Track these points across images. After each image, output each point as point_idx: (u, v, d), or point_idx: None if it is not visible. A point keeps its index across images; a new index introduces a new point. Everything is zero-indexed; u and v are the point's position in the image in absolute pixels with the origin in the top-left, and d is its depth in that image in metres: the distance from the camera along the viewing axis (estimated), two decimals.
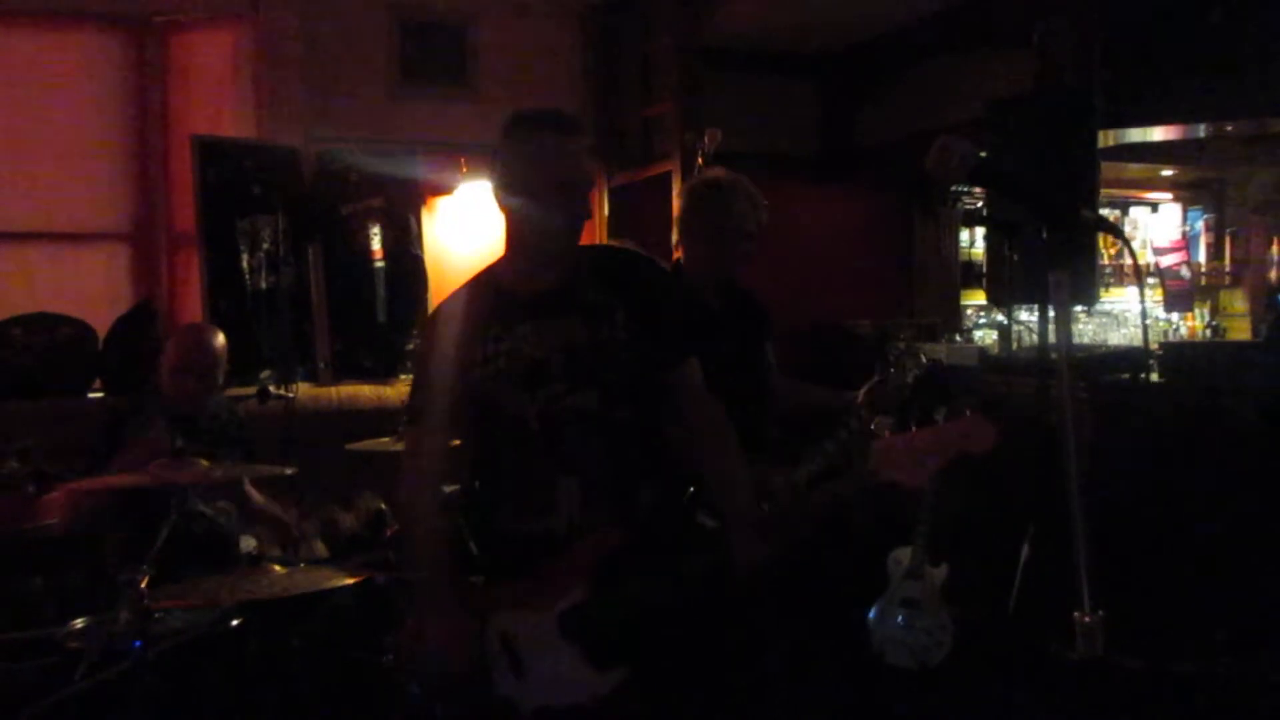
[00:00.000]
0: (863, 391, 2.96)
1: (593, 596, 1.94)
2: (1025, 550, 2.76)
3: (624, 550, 1.97)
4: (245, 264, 4.88)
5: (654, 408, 2.09)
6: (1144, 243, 6.34)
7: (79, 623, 2.58)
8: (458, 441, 2.21)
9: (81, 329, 4.53)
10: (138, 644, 2.21)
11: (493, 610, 1.99)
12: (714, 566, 1.96)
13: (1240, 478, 3.48)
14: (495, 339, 2.04)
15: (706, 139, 4.81)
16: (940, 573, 3.29)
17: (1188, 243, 6.36)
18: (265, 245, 4.92)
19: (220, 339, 3.43)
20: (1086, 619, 1.31)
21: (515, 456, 2.04)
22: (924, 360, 2.94)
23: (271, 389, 3.95)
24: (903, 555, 3.32)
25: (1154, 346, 4.60)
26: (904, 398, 2.97)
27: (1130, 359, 4.24)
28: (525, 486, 2.04)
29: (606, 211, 5.91)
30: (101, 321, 4.61)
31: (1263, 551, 3.36)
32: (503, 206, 2.07)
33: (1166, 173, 6.07)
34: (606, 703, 1.90)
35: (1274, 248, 6.06)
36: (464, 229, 5.63)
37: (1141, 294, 5.38)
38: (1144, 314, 5.40)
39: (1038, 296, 1.43)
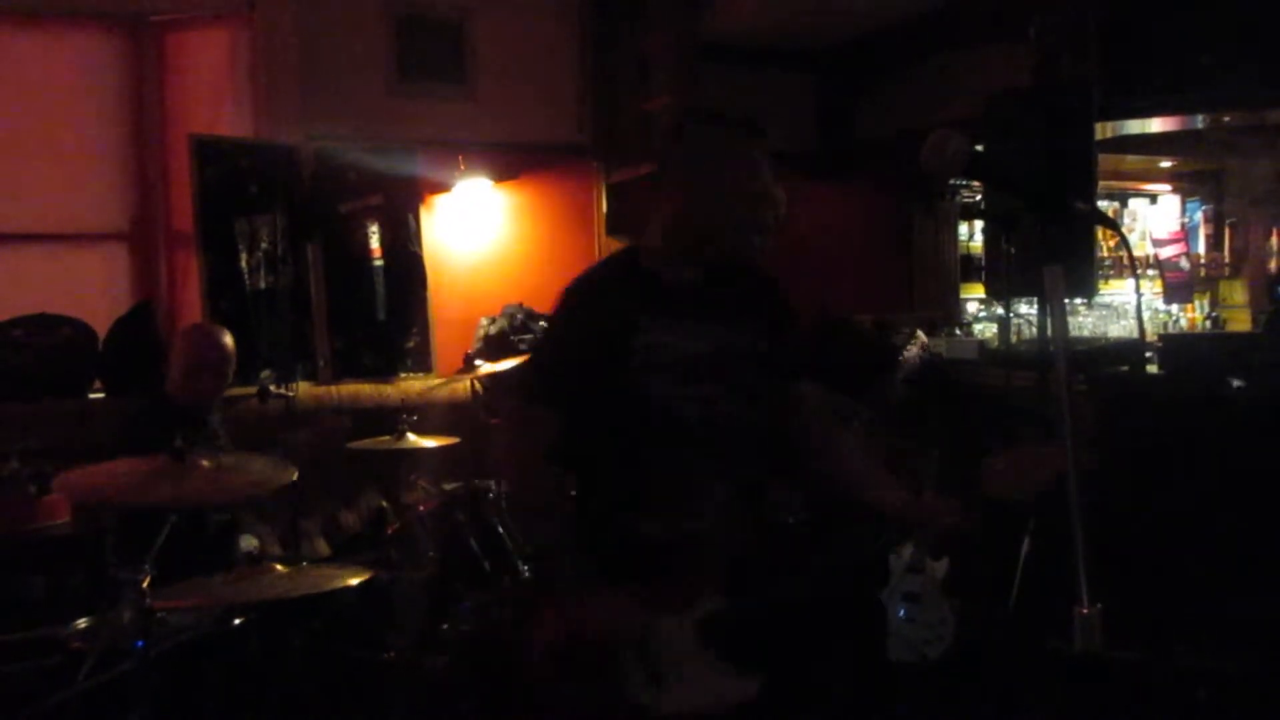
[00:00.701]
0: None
1: (733, 601, 1.89)
2: (1026, 544, 2.77)
3: (759, 553, 1.95)
4: (244, 263, 4.88)
5: (777, 416, 2.09)
6: (1143, 234, 6.33)
7: (81, 623, 2.59)
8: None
9: (81, 329, 4.53)
10: (140, 644, 2.21)
11: (625, 615, 1.87)
12: (847, 567, 1.98)
13: (1240, 469, 3.48)
14: (652, 329, 1.93)
15: None
16: (941, 566, 3.30)
17: (1187, 234, 6.35)
18: (264, 244, 4.92)
19: (229, 337, 3.45)
20: (1085, 612, 1.31)
21: (666, 456, 1.94)
22: (924, 341, 2.95)
23: (271, 388, 3.94)
24: (903, 549, 3.33)
25: (1154, 338, 4.60)
26: (904, 392, 2.98)
27: (1130, 351, 4.24)
28: (673, 488, 1.95)
29: (605, 208, 5.91)
30: (101, 322, 4.61)
31: (1263, 544, 3.36)
32: (675, 195, 1.99)
33: (1165, 164, 6.06)
34: (747, 708, 1.86)
35: (1273, 238, 6.05)
36: (463, 227, 5.63)
37: (1138, 286, 5.37)
38: (1139, 306, 5.38)
39: (1036, 289, 1.43)
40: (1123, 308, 5.87)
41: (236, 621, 2.63)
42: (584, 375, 1.91)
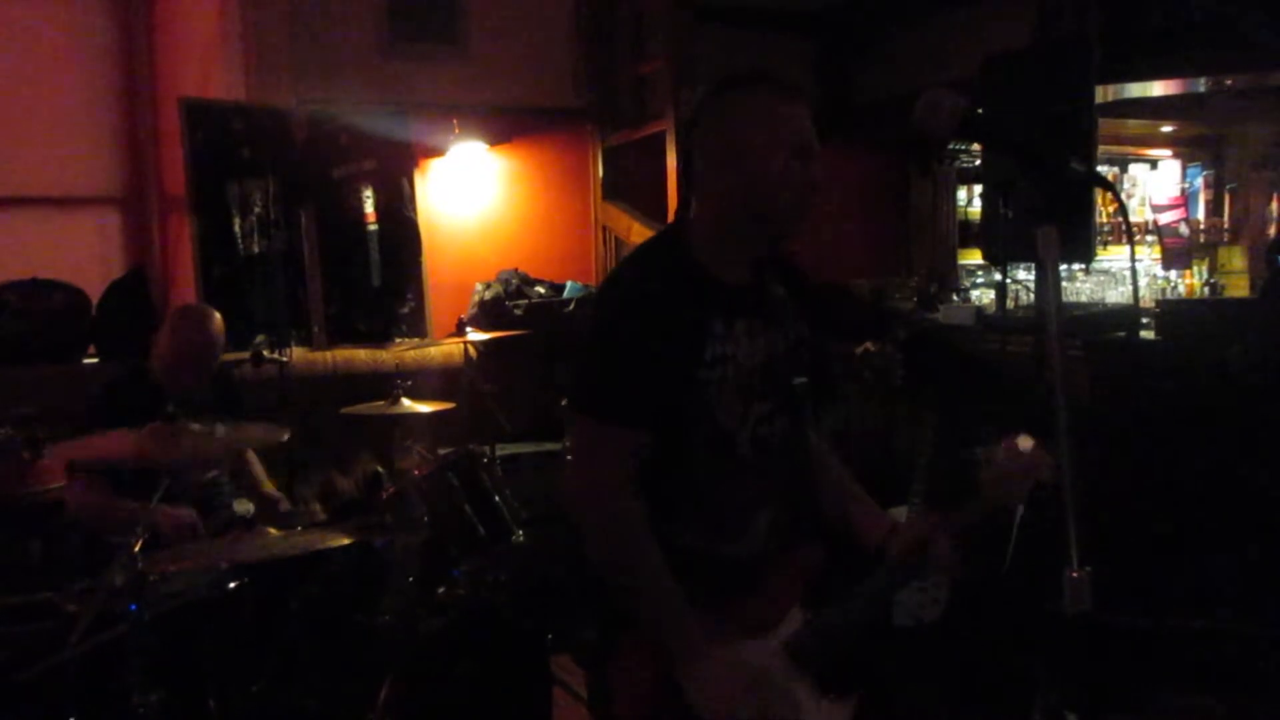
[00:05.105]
0: (859, 351, 2.96)
1: (815, 621, 1.79)
2: (1020, 509, 2.76)
3: (825, 571, 1.84)
4: (237, 228, 4.85)
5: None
6: (1143, 200, 6.30)
7: (75, 586, 2.59)
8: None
9: (75, 295, 4.51)
10: (133, 607, 2.21)
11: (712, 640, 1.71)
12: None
13: (1237, 435, 3.48)
14: (719, 337, 1.75)
15: None
16: None
17: (1186, 200, 6.33)
18: (257, 209, 4.89)
19: (217, 323, 3.28)
20: (1075, 575, 1.31)
21: (716, 476, 1.78)
22: (910, 319, 2.94)
23: (265, 353, 3.93)
24: (899, 514, 3.33)
25: (1152, 304, 4.58)
26: (896, 360, 2.97)
27: (1127, 317, 4.22)
28: (720, 509, 1.80)
29: (600, 172, 5.87)
30: (94, 287, 4.59)
31: (1258, 508, 3.37)
32: (708, 181, 1.80)
33: (1165, 129, 6.02)
34: None
35: (1273, 204, 6.02)
36: (457, 191, 5.59)
37: (1133, 250, 5.32)
38: (1134, 272, 5.36)
39: (1033, 254, 1.40)
40: (1121, 274, 5.85)
41: (231, 585, 2.63)
42: (661, 387, 1.70)
